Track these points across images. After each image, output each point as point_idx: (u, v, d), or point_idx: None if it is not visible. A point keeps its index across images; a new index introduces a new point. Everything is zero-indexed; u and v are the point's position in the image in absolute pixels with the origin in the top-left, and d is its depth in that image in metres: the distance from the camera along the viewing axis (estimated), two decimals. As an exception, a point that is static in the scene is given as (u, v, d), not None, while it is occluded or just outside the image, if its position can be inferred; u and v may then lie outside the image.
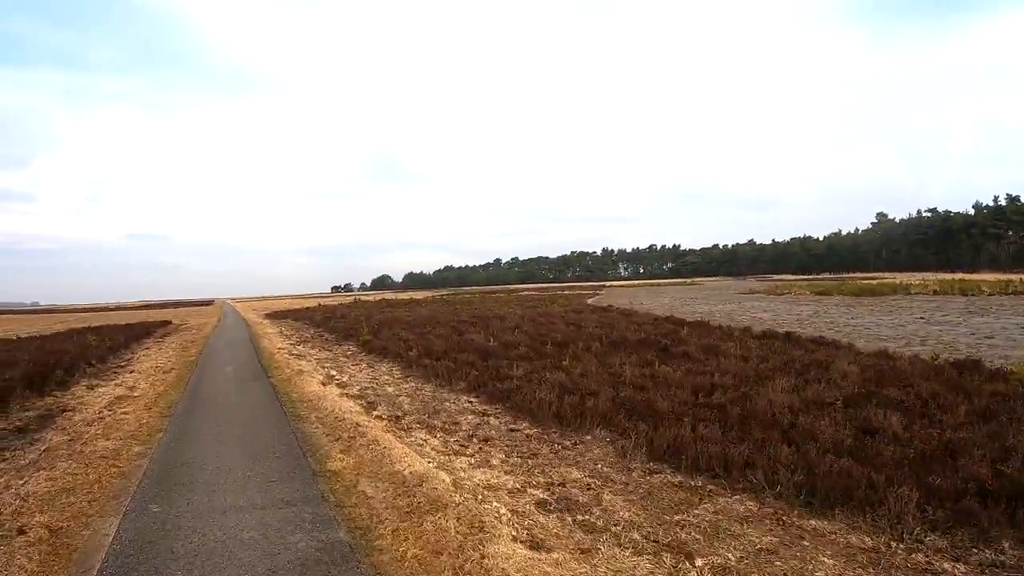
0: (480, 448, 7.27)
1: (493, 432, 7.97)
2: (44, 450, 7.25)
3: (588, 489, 5.60)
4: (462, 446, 7.44)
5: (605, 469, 6.15)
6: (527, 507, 5.20)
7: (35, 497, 5.69)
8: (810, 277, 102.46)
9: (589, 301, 42.37)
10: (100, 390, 11.17)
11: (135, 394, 10.67)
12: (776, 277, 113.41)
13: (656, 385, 9.26)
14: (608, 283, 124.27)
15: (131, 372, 13.57)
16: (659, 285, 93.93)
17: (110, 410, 9.38)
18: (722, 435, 6.50)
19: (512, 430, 8.06)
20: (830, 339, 14.23)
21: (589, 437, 7.34)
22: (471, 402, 10.03)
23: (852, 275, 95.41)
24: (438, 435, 7.99)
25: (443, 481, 5.97)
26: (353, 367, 13.97)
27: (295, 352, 16.47)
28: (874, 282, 52.89)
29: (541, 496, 5.47)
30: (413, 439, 7.76)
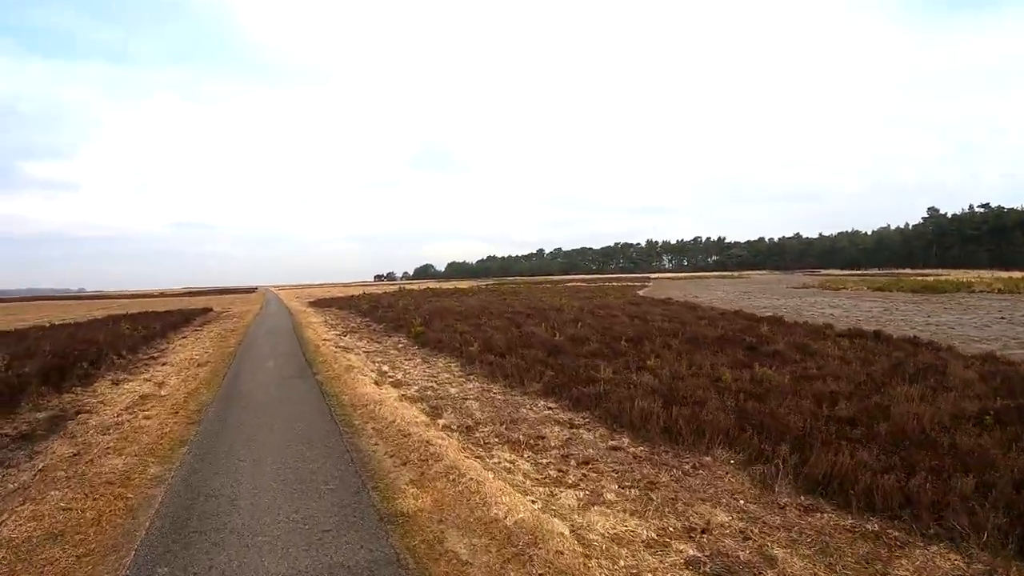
0: (584, 475, 5.70)
1: (591, 451, 6.38)
2: (41, 469, 5.73)
3: (744, 538, 4.26)
4: (560, 471, 5.78)
5: (750, 506, 4.79)
6: (679, 573, 3.84)
7: (7, 547, 4.10)
8: (860, 272, 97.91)
9: (641, 293, 40.62)
10: (125, 386, 9.75)
11: (162, 392, 9.19)
12: (824, 272, 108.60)
13: (767, 392, 7.82)
14: (653, 275, 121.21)
15: (163, 365, 12.19)
16: (706, 278, 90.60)
17: (131, 413, 7.87)
18: (876, 458, 5.36)
19: (613, 448, 6.47)
20: (925, 339, 12.70)
21: (709, 459, 5.94)
22: (551, 408, 8.25)
23: (903, 271, 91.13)
24: (525, 454, 6.32)
25: (561, 535, 4.30)
26: (407, 362, 12.31)
27: (342, 344, 14.90)
28: (929, 278, 51.33)
29: (690, 552, 4.08)
30: (496, 460, 6.11)
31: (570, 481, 5.47)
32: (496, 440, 6.87)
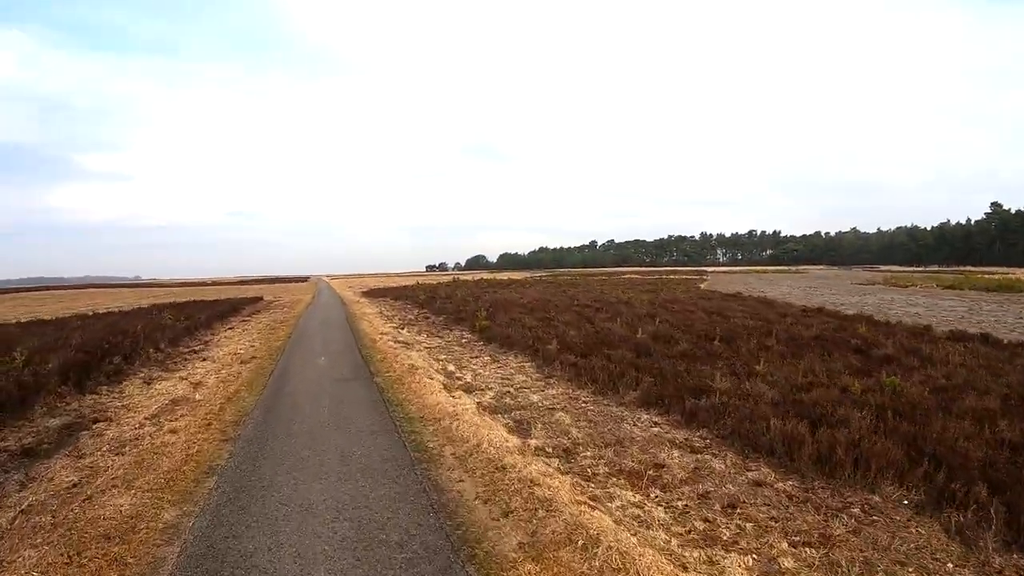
0: (739, 527, 4.20)
1: (730, 487, 4.87)
2: (24, 509, 4.26)
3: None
4: (706, 522, 4.26)
5: (964, 574, 3.56)
6: None
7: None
8: (921, 269, 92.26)
9: (702, 286, 38.34)
10: (157, 386, 8.39)
11: (197, 396, 7.74)
12: (883, 268, 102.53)
13: (910, 408, 6.35)
14: (709, 268, 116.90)
15: (203, 360, 10.87)
16: (764, 272, 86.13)
17: (155, 424, 6.42)
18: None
19: (755, 483, 4.94)
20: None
21: (877, 498, 4.62)
22: (657, 424, 6.63)
23: (967, 268, 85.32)
24: (651, 493, 4.76)
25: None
26: (474, 361, 10.65)
27: (400, 339, 13.35)
28: (995, 276, 48.07)
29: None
30: (619, 504, 4.54)
31: (725, 537, 4.04)
32: (606, 469, 5.25)
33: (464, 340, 13.36)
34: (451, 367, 10.00)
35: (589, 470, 5.27)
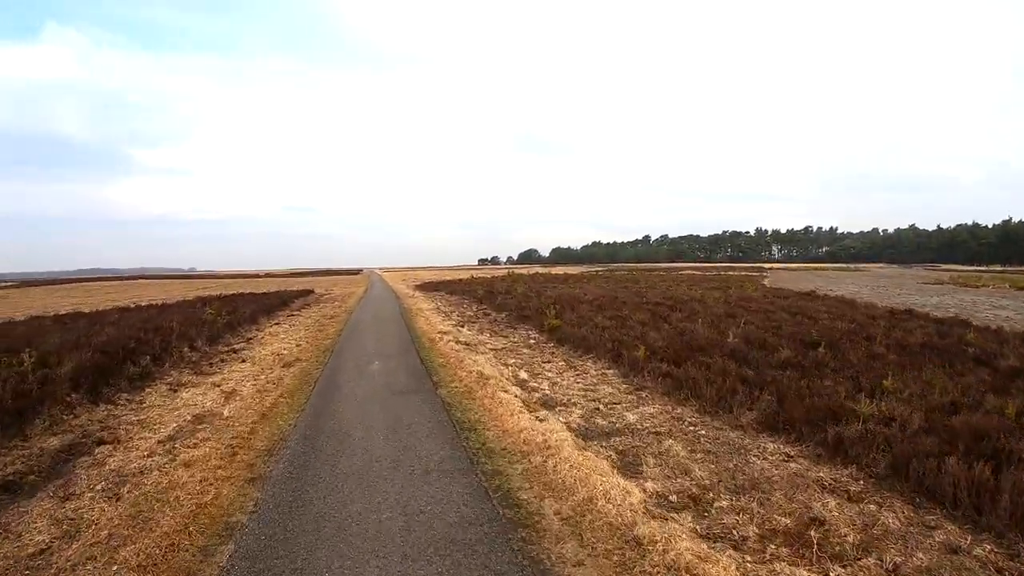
0: None
1: (922, 556, 3.48)
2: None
3: None
4: None
5: None
6: None
7: None
8: (985, 268, 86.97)
9: (766, 283, 36.31)
10: (184, 395, 7.12)
11: (227, 411, 6.37)
12: (946, 267, 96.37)
13: None
14: (766, 265, 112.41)
15: (242, 362, 9.62)
16: (823, 270, 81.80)
17: (170, 452, 5.04)
18: None
19: (950, 550, 3.55)
20: None
21: None
22: (789, 456, 5.13)
23: None
24: (831, 571, 3.30)
25: None
26: (548, 367, 9.06)
27: (462, 339, 11.82)
28: None
29: None
30: None
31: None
32: (756, 531, 3.78)
33: (532, 341, 11.77)
34: (523, 374, 8.43)
35: (735, 531, 3.76)
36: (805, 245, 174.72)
